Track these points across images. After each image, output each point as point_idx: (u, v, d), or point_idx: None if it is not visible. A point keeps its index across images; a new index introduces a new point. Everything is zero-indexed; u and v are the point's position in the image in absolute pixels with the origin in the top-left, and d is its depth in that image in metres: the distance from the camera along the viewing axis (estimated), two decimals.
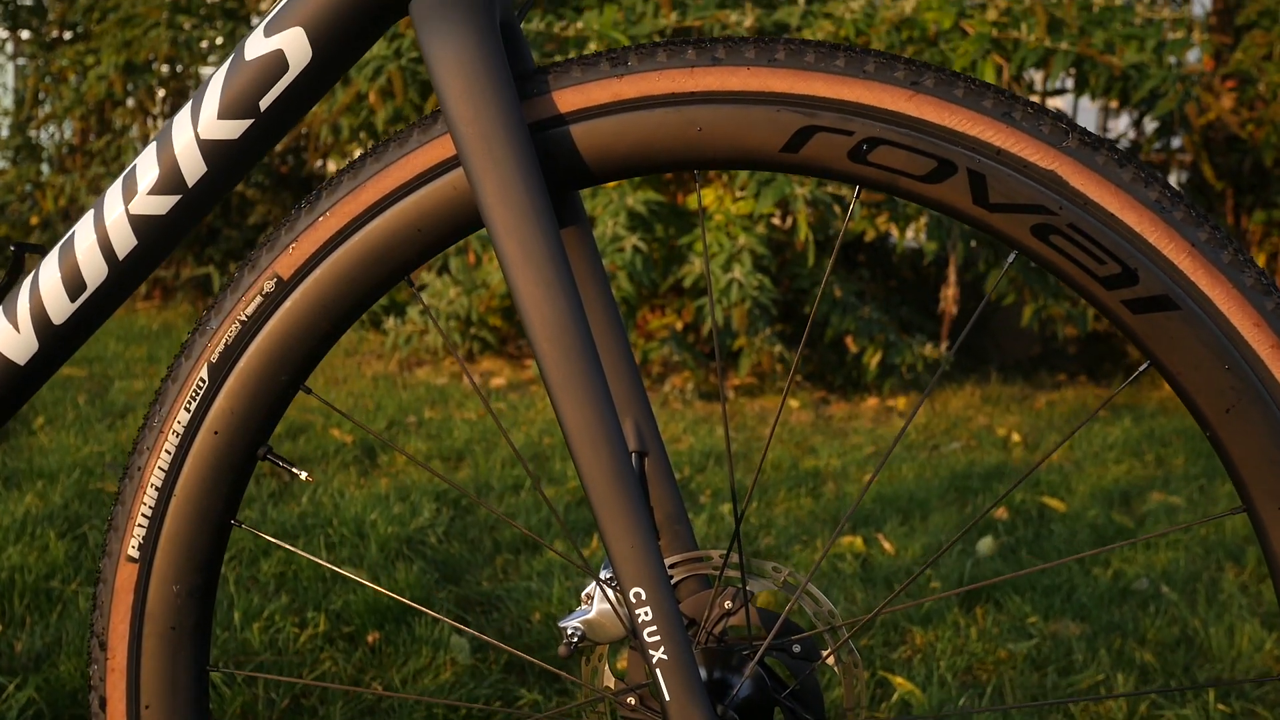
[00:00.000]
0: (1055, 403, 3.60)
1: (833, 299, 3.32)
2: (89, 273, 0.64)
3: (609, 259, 2.93)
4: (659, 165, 0.61)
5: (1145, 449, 2.90)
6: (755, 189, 2.90)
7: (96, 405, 2.75)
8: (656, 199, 3.01)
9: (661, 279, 3.16)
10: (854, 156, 0.58)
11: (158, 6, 4.13)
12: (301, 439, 2.54)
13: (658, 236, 3.08)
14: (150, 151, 0.64)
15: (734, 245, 2.99)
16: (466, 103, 0.58)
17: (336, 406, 2.63)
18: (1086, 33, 3.00)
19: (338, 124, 3.33)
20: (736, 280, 2.98)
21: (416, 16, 0.60)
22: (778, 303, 3.30)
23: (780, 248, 3.39)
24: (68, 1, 4.49)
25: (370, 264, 0.62)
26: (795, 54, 0.58)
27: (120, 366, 3.26)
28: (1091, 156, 0.56)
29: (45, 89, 4.47)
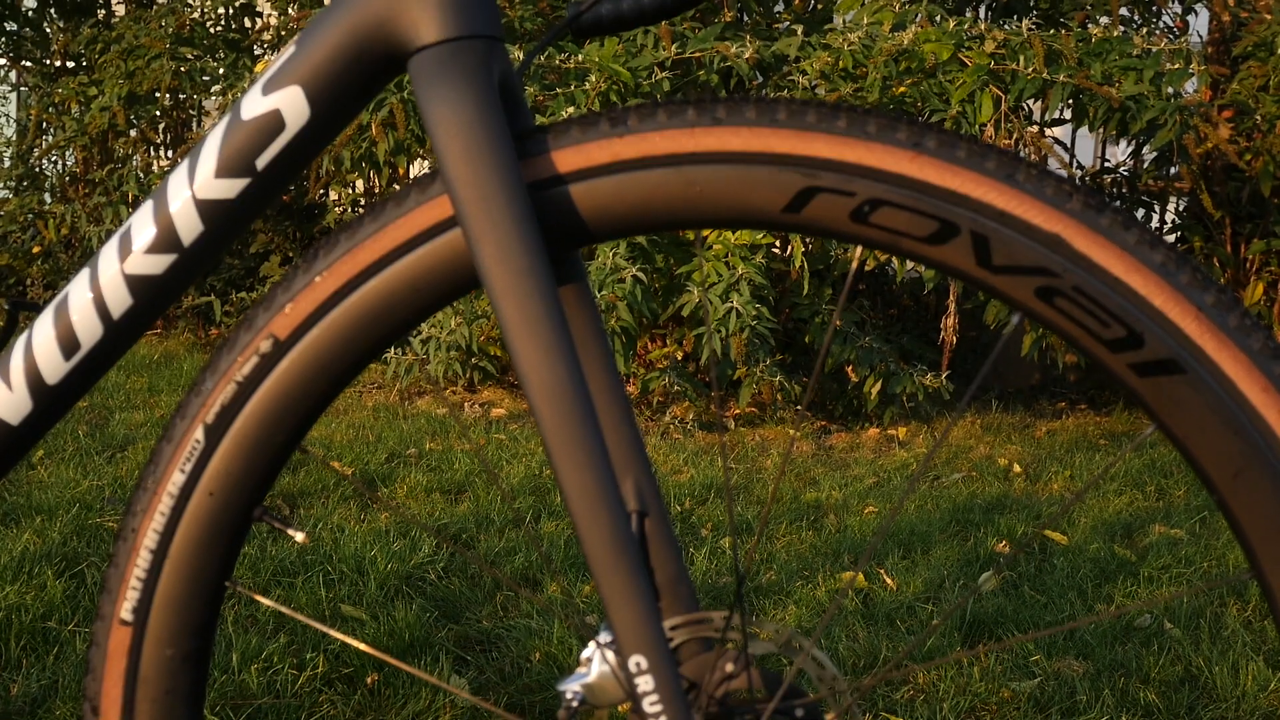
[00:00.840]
0: (1056, 432, 3.59)
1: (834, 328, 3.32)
2: (83, 332, 0.64)
3: (608, 289, 2.93)
4: (659, 225, 0.60)
5: (1146, 480, 2.88)
6: None
7: (96, 438, 2.75)
8: None
9: (661, 309, 3.15)
10: (856, 217, 0.58)
11: (160, 38, 4.14)
12: (301, 472, 2.53)
13: (658, 267, 3.08)
14: (146, 210, 0.63)
15: (733, 275, 2.99)
16: (465, 164, 0.58)
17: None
18: (1084, 64, 3.01)
19: (339, 155, 3.34)
20: (735, 309, 2.97)
21: (415, 74, 0.60)
22: (776, 332, 3.30)
23: (780, 277, 3.39)
24: (71, 32, 4.50)
25: (368, 324, 0.62)
26: (797, 114, 0.58)
27: (121, 397, 3.26)
28: (1096, 219, 0.56)
29: (48, 119, 4.48)
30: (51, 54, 4.66)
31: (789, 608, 1.86)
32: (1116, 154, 4.81)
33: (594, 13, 0.72)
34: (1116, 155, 4.82)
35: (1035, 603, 1.96)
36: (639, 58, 3.01)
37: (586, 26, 0.72)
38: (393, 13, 0.60)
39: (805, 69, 3.05)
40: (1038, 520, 2.46)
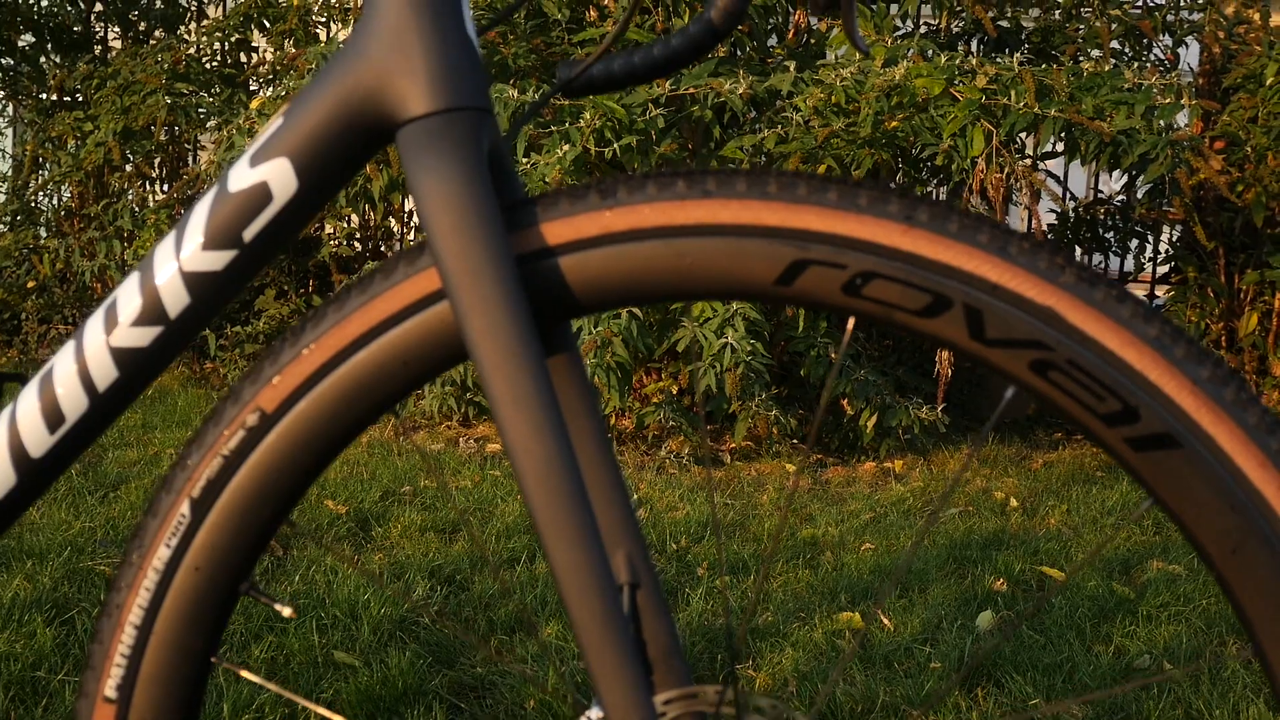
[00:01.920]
0: (1053, 464, 3.58)
1: (828, 361, 3.32)
2: (68, 405, 0.63)
3: (604, 325, 2.93)
4: (650, 297, 0.60)
5: (1148, 513, 2.87)
6: None
7: (89, 477, 2.73)
8: None
9: (657, 344, 3.15)
10: (848, 290, 0.57)
11: (156, 74, 4.16)
12: (294, 511, 2.52)
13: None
14: (132, 281, 0.63)
15: (727, 310, 2.99)
16: (453, 238, 0.57)
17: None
18: (1076, 99, 3.02)
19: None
20: (730, 345, 2.97)
21: (403, 146, 0.60)
22: (771, 367, 3.29)
23: (774, 311, 3.38)
24: (67, 68, 4.52)
25: (356, 397, 0.61)
26: (787, 187, 0.58)
27: (114, 434, 3.24)
28: (1089, 293, 0.55)
29: (44, 154, 4.49)
30: (48, 89, 4.67)
31: (785, 651, 1.85)
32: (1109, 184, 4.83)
33: (585, 73, 0.72)
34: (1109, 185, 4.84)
35: (1034, 643, 1.95)
36: (633, 94, 3.02)
37: (578, 87, 0.72)
38: (381, 85, 0.60)
39: (799, 104, 3.06)
40: (1035, 557, 2.45)
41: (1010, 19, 3.81)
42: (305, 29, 4.25)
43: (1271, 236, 3.83)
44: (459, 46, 0.60)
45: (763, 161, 3.24)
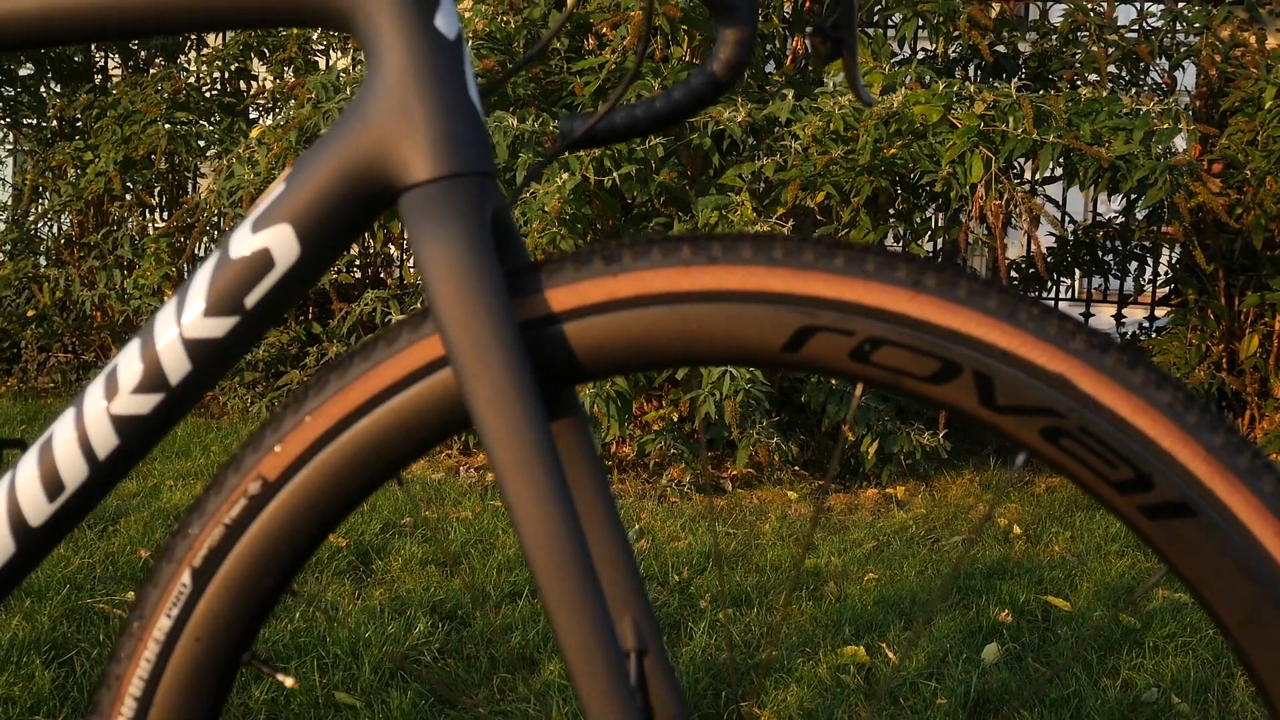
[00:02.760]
0: (1055, 489, 3.57)
1: (829, 388, 3.31)
2: (68, 473, 0.62)
3: None
4: (656, 362, 0.59)
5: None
6: None
7: None
8: None
9: (657, 372, 3.14)
10: (856, 356, 0.57)
11: (156, 103, 4.16)
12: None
13: None
14: (133, 348, 0.62)
15: None
16: (457, 306, 0.57)
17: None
18: (1074, 125, 3.02)
19: None
20: (729, 372, 2.96)
21: (406, 212, 0.59)
22: (771, 394, 3.29)
23: None
24: (67, 97, 4.53)
25: (359, 465, 0.60)
26: (793, 252, 0.57)
27: None
28: (1100, 359, 0.55)
29: (44, 183, 4.49)
30: (48, 119, 4.68)
31: (790, 687, 1.83)
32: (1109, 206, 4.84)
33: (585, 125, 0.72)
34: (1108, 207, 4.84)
35: (1040, 675, 1.93)
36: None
37: (580, 140, 0.72)
38: (384, 150, 0.59)
39: (797, 132, 3.07)
40: (1039, 586, 2.44)
41: (1007, 44, 3.82)
42: (305, 57, 4.26)
43: (1271, 259, 3.83)
44: (461, 111, 0.60)
45: (761, 188, 3.25)
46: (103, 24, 0.63)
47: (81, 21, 0.63)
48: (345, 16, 0.61)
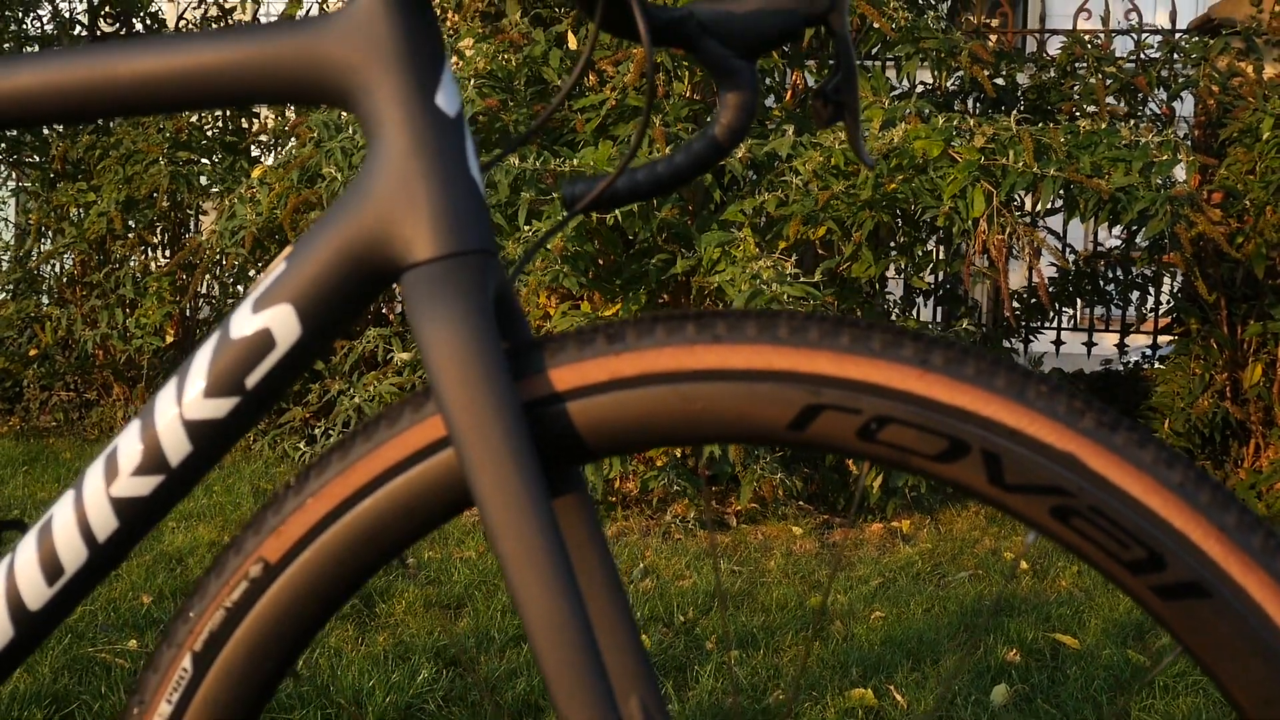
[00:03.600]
0: None
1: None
2: (67, 556, 0.62)
3: None
4: (661, 441, 0.59)
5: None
6: None
7: None
8: None
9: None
10: (863, 435, 0.56)
11: (158, 144, 4.18)
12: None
13: None
14: (133, 429, 0.61)
15: None
16: (459, 388, 0.56)
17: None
18: (1074, 157, 3.03)
19: None
20: None
21: (407, 291, 0.59)
22: None
23: None
24: (70, 138, 4.55)
25: (361, 546, 0.60)
26: (798, 330, 0.57)
27: None
28: (1110, 438, 0.54)
29: (48, 223, 4.51)
30: (51, 159, 4.70)
31: None
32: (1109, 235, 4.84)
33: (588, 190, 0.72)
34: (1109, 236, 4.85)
35: (1050, 717, 1.91)
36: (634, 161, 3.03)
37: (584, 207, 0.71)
38: (385, 229, 0.59)
39: (798, 168, 3.08)
40: (1047, 623, 2.42)
41: (1005, 77, 3.84)
42: None
43: (1273, 287, 3.83)
44: (463, 188, 0.59)
45: (763, 223, 3.25)
46: (99, 102, 0.63)
47: (76, 100, 0.63)
48: (345, 94, 0.61)
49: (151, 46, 0.62)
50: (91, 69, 0.63)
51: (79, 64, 0.63)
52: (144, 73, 0.62)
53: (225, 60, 0.61)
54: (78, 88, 0.63)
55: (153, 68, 0.62)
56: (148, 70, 0.62)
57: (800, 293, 2.85)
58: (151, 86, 0.62)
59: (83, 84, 0.63)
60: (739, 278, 2.86)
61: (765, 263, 2.89)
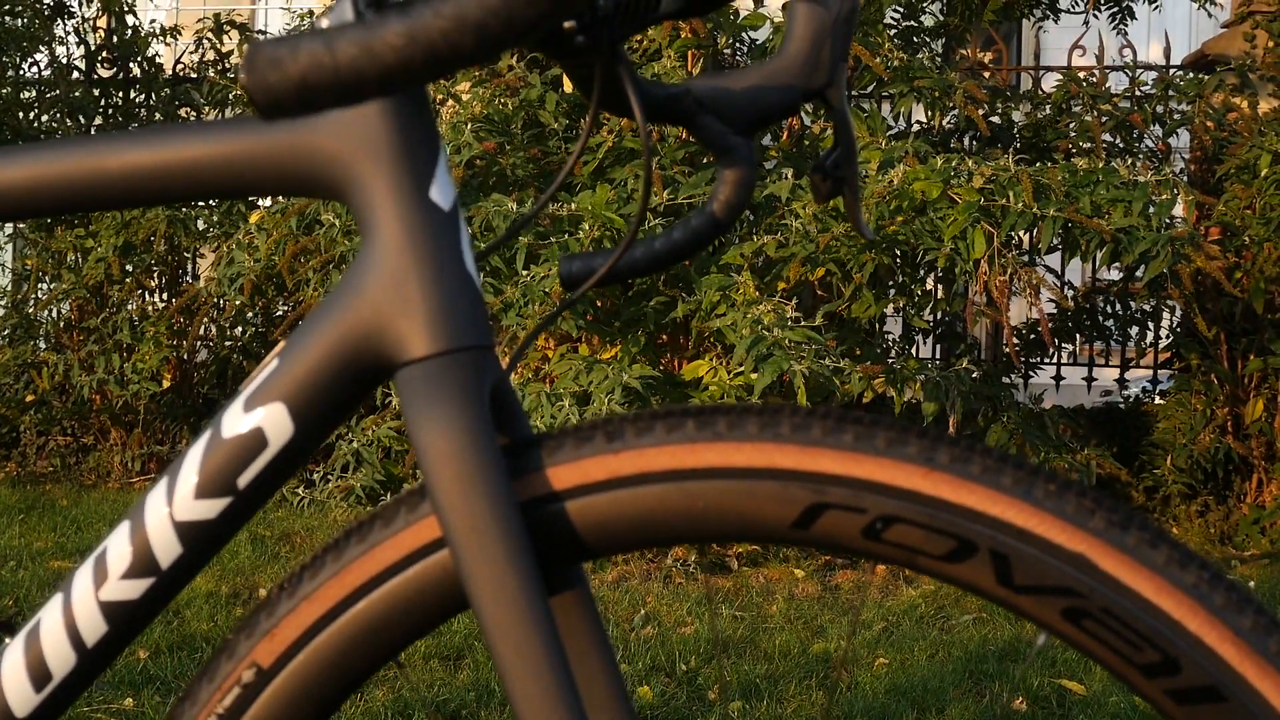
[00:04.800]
0: None
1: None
2: (55, 662, 0.60)
3: None
4: (662, 539, 0.57)
5: None
6: (753, 364, 2.88)
7: None
8: (652, 374, 3.00)
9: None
10: (868, 534, 0.55)
11: None
12: None
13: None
14: (122, 531, 0.60)
15: None
16: (455, 491, 0.55)
17: None
18: (1073, 197, 3.03)
19: None
20: None
21: (402, 389, 0.58)
22: None
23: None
24: None
25: (356, 648, 0.58)
26: (801, 428, 0.56)
27: None
28: (1121, 538, 0.53)
29: (45, 269, 4.50)
30: None
31: None
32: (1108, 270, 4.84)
33: (586, 267, 0.71)
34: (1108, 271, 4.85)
35: None
36: (631, 204, 3.03)
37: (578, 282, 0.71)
38: (379, 326, 0.58)
39: (798, 210, 3.08)
40: (1053, 669, 2.40)
41: (1001, 115, 3.85)
42: None
43: (1273, 322, 3.83)
44: (458, 284, 0.58)
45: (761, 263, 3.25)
46: (88, 196, 0.62)
47: (65, 194, 0.62)
48: (338, 187, 0.60)
49: (142, 139, 0.62)
50: (81, 162, 0.62)
51: (68, 157, 0.62)
52: (134, 166, 0.61)
53: (217, 153, 0.61)
54: (67, 181, 0.62)
55: (143, 161, 0.61)
56: (138, 163, 0.61)
57: (801, 337, 2.84)
58: (142, 179, 0.62)
59: (72, 178, 0.62)
60: (740, 322, 2.85)
61: (765, 306, 2.89)
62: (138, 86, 4.95)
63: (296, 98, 0.41)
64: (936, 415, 3.46)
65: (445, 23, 0.39)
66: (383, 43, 0.40)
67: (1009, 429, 3.36)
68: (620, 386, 2.94)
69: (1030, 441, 3.40)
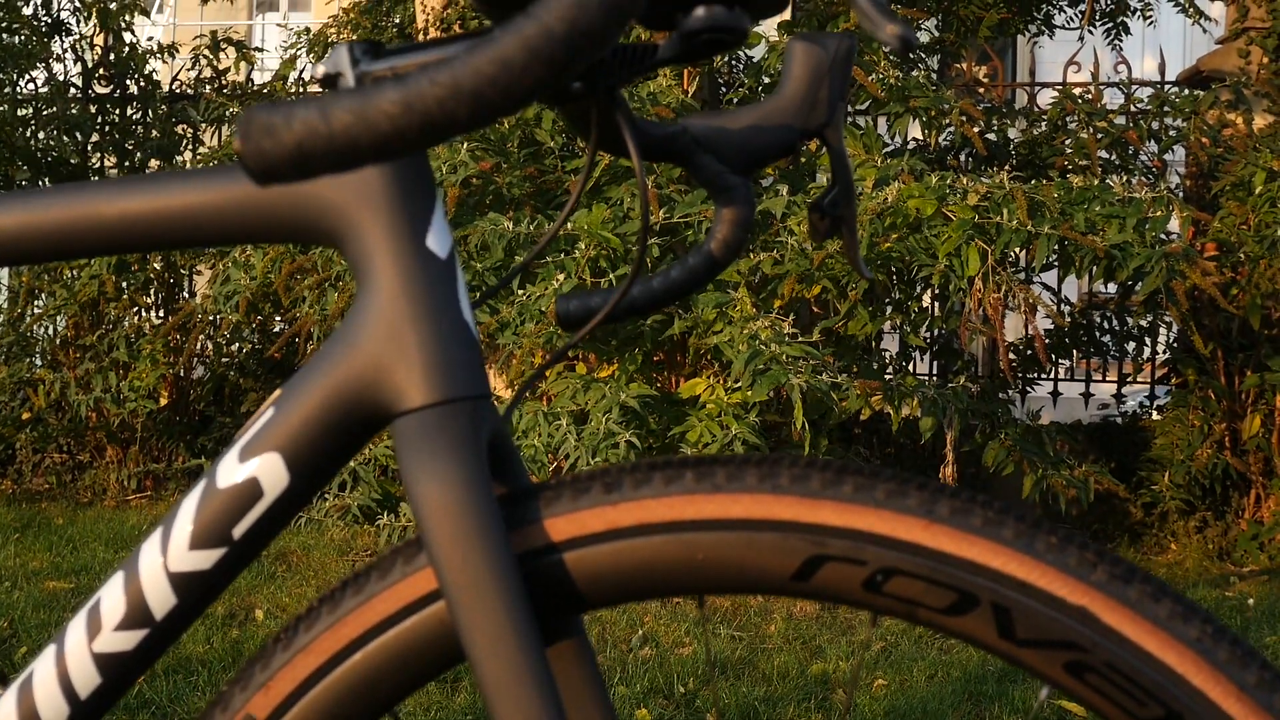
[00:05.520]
0: None
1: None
2: (48, 713, 0.60)
3: (602, 455, 2.89)
4: (661, 591, 0.57)
5: None
6: (750, 378, 2.88)
7: None
8: (649, 393, 2.99)
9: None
10: (868, 586, 0.55)
11: None
12: None
13: (651, 429, 3.06)
14: (116, 582, 0.60)
15: (726, 435, 2.96)
16: (451, 542, 0.55)
17: None
18: (1067, 214, 3.03)
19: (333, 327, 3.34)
20: None
21: (398, 439, 0.57)
22: None
23: (772, 428, 3.36)
24: None
25: (352, 702, 0.58)
26: (800, 479, 0.55)
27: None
28: (1124, 591, 0.53)
29: (40, 286, 4.50)
30: None
31: None
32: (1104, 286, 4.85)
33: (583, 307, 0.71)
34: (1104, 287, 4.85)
35: None
36: (627, 223, 3.03)
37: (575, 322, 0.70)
38: (375, 376, 0.58)
39: (793, 228, 3.08)
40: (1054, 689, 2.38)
41: (997, 132, 3.85)
42: None
43: (1269, 338, 3.83)
44: (455, 333, 0.58)
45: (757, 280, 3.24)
46: (82, 243, 0.62)
47: (59, 240, 0.62)
48: (334, 235, 0.60)
49: (136, 187, 0.61)
50: (75, 209, 0.62)
51: (62, 204, 0.62)
52: (129, 213, 0.61)
53: (212, 201, 0.60)
54: (61, 228, 0.62)
55: (138, 208, 0.61)
56: (133, 211, 0.61)
57: (799, 352, 2.84)
58: (137, 227, 0.61)
59: (65, 225, 0.62)
60: (737, 338, 2.85)
61: (763, 323, 2.89)
62: (135, 104, 4.95)
63: (291, 165, 0.40)
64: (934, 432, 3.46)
65: (441, 91, 0.39)
66: (378, 111, 0.39)
67: (1006, 445, 3.36)
68: (618, 405, 2.94)
69: (1028, 458, 3.39)
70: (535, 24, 0.38)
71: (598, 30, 0.39)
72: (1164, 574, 3.60)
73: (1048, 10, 4.94)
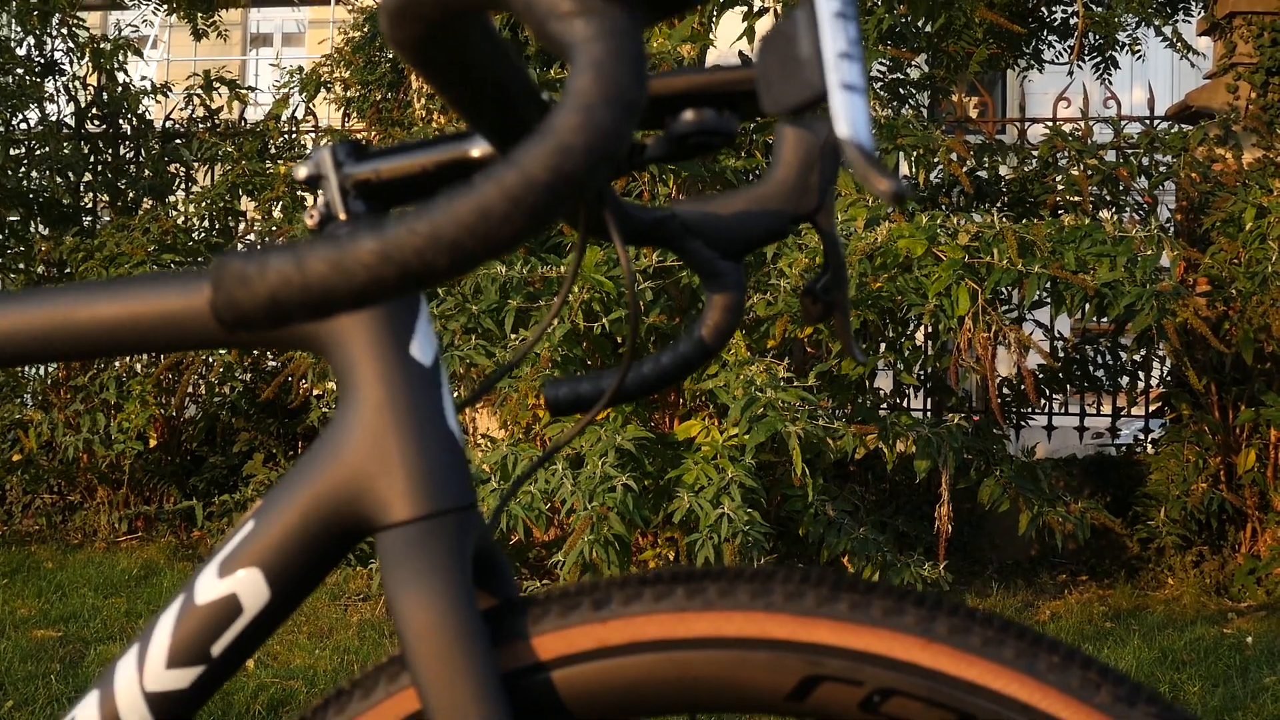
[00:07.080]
0: (1060, 614, 3.51)
1: (826, 519, 3.26)
2: None
3: (599, 500, 2.87)
4: (651, 710, 0.56)
5: (1159, 676, 2.79)
6: (746, 425, 2.86)
7: (70, 681, 2.63)
8: (646, 435, 2.98)
9: (653, 514, 3.09)
10: (866, 707, 0.53)
11: (142, 245, 4.17)
12: (282, 711, 2.43)
13: (648, 471, 3.04)
14: (91, 702, 0.58)
15: (722, 479, 2.94)
16: (435, 662, 0.53)
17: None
18: (1058, 254, 3.03)
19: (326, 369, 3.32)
20: (727, 515, 2.92)
21: (382, 553, 0.56)
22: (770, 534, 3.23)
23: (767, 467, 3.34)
24: (54, 240, 4.54)
25: None
26: (794, 596, 0.54)
27: (97, 624, 3.14)
28: (1128, 714, 0.51)
29: None
30: (34, 261, 4.68)
31: None
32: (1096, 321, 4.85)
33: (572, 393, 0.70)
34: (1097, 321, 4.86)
35: None
36: (621, 266, 3.02)
37: (564, 408, 0.69)
38: (358, 489, 0.56)
39: (784, 269, 3.07)
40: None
41: (988, 169, 3.86)
42: (292, 196, 4.29)
43: (1263, 372, 3.83)
44: (439, 444, 0.57)
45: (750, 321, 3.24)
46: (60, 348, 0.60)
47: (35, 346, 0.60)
48: (317, 343, 0.58)
49: (113, 290, 0.59)
50: (49, 314, 0.60)
51: (36, 308, 0.60)
52: (105, 318, 0.60)
53: (193, 305, 0.59)
54: (33, 333, 0.60)
55: (115, 313, 0.59)
56: (109, 315, 0.59)
57: (795, 397, 2.83)
58: (114, 332, 0.60)
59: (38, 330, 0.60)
60: (732, 383, 2.84)
61: (758, 367, 2.88)
62: (127, 143, 4.95)
63: (264, 315, 0.39)
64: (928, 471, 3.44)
65: (420, 240, 0.37)
66: (354, 260, 0.38)
67: (1001, 482, 3.34)
68: (614, 449, 2.92)
69: (1024, 495, 3.38)
70: (516, 172, 0.37)
71: (582, 177, 0.38)
72: (1161, 610, 3.57)
73: (1036, 45, 4.97)
